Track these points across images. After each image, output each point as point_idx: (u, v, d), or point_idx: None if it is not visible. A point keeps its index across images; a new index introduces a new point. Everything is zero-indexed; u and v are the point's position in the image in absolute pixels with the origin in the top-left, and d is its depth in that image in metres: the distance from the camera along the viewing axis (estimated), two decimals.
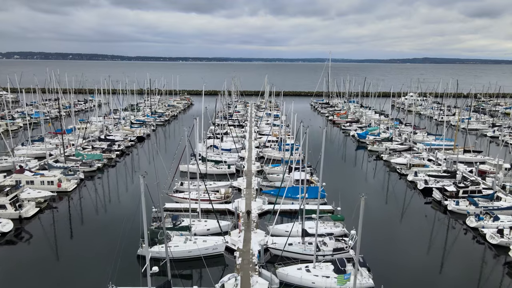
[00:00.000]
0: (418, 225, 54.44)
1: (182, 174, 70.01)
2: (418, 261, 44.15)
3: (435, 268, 42.92)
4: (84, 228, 51.71)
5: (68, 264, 42.32)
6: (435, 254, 46.13)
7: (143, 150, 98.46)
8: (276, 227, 48.87)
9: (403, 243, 48.59)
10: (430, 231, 52.76)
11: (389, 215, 57.76)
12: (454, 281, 40.60)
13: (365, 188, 70.42)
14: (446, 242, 49.84)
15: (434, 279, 40.66)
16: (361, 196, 28.79)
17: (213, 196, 59.61)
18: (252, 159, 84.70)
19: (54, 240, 48.53)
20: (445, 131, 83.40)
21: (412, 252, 46.43)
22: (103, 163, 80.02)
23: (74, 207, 59.21)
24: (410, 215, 58.27)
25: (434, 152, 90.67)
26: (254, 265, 40.89)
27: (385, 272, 40.41)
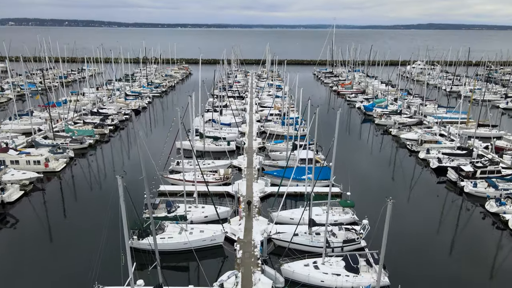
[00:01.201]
0: (432, 210, 50.37)
1: (179, 151, 65.49)
2: (435, 253, 40.29)
3: (454, 260, 39.13)
4: (73, 214, 47.75)
5: (52, 255, 38.57)
6: (452, 244, 42.26)
7: (139, 124, 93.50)
8: (280, 214, 44.80)
9: (417, 231, 44.61)
10: (445, 216, 48.75)
11: (400, 198, 53.54)
12: (476, 274, 36.85)
13: (373, 166, 66.07)
14: (464, 228, 45.96)
15: (454, 273, 36.89)
16: (388, 200, 24.11)
17: (212, 178, 55.33)
18: (253, 135, 79.88)
19: (39, 226, 44.63)
20: (461, 103, 77.16)
21: (427, 241, 42.53)
22: (95, 140, 75.32)
23: (63, 189, 55.11)
24: (423, 197, 54.10)
25: (446, 126, 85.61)
26: (256, 259, 37.09)
27: (399, 266, 36.62)
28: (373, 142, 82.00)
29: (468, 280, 35.98)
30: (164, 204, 45.49)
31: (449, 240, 42.98)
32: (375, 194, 54.14)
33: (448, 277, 36.24)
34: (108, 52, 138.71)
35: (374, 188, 56.34)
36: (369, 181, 58.98)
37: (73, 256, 38.18)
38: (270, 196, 52.73)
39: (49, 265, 37.18)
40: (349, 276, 33.17)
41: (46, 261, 37.70)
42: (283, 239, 39.63)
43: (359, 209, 46.17)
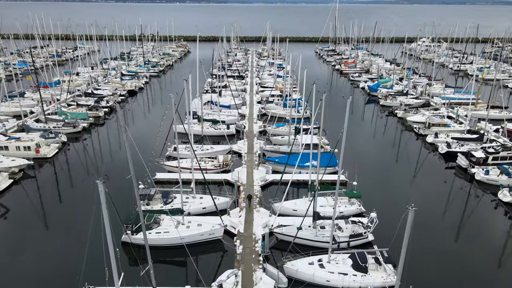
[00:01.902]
0: (441, 199, 47.96)
1: (177, 136, 62.80)
2: (445, 246, 38.05)
3: (466, 254, 36.88)
4: (66, 203, 45.38)
5: (42, 247, 36.35)
6: (463, 236, 40.02)
7: (135, 106, 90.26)
8: (282, 205, 42.35)
9: (425, 222, 42.24)
10: (455, 205, 46.31)
11: (406, 186, 51.15)
12: (490, 269, 34.72)
13: (378, 151, 63.29)
14: (475, 219, 43.57)
15: (466, 268, 34.73)
16: (408, 207, 21.44)
17: (210, 165, 52.71)
18: (253, 117, 76.79)
19: (30, 217, 42.30)
20: (472, 83, 73.22)
21: (436, 233, 40.24)
22: (89, 123, 72.32)
23: (55, 177, 52.54)
24: (431, 185, 51.57)
25: (454, 108, 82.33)
26: (257, 255, 34.90)
27: (408, 263, 34.41)
28: (378, 124, 78.91)
29: (481, 276, 33.86)
30: (160, 194, 43.08)
31: (459, 232, 40.72)
32: (380, 182, 51.69)
33: (460, 274, 34.12)
34: (103, 29, 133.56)
35: (379, 176, 53.76)
36: (374, 168, 56.36)
37: (62, 252, 35.97)
38: (271, 184, 50.25)
39: (38, 257, 35.02)
40: (357, 275, 31.01)
41: (35, 254, 35.53)
42: (285, 233, 37.34)
43: (364, 197, 43.77)
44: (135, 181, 23.27)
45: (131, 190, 45.34)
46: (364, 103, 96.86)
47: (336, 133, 37.24)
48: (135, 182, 23.38)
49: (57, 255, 35.56)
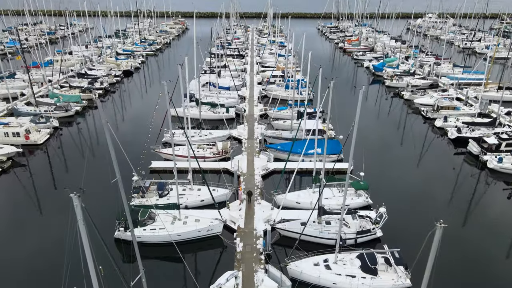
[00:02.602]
0: (452, 188, 45.51)
1: (174, 119, 59.97)
2: (457, 242, 35.85)
3: (480, 250, 34.72)
4: (57, 194, 42.95)
5: (32, 243, 34.19)
6: (475, 230, 37.72)
7: (131, 87, 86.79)
8: (283, 196, 39.91)
9: (434, 214, 39.92)
10: (465, 195, 43.83)
11: (415, 174, 48.60)
12: (506, 268, 32.63)
13: (383, 136, 60.42)
14: (488, 211, 41.18)
15: (482, 267, 32.62)
16: (437, 224, 18.79)
17: (209, 152, 50.05)
18: (254, 99, 73.57)
19: (19, 208, 39.98)
20: (487, 64, 68.94)
21: (452, 228, 37.89)
22: (82, 106, 69.19)
23: (46, 165, 49.95)
24: (440, 173, 48.97)
25: (463, 89, 78.95)
26: (259, 254, 32.74)
27: (419, 262, 32.29)
28: (383, 107, 75.68)
29: (496, 274, 31.77)
30: (156, 186, 40.61)
31: (472, 225, 38.42)
32: (386, 170, 49.12)
33: (475, 273, 32.03)
34: (96, 5, 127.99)
35: (385, 163, 51.07)
36: (380, 154, 53.64)
37: (47, 252, 33.80)
38: (273, 173, 47.74)
39: (23, 254, 32.91)
40: (366, 278, 28.89)
41: (21, 249, 33.41)
42: (289, 230, 35.07)
43: (370, 186, 41.31)
44: (121, 185, 20.62)
45: (126, 180, 43.29)
46: (369, 84, 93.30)
47: (341, 118, 34.58)
48: (121, 186, 20.73)
49: (42, 254, 33.40)
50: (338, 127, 55.38)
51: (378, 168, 48.74)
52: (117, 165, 20.18)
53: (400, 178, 47.50)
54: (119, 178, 20.33)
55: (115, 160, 19.97)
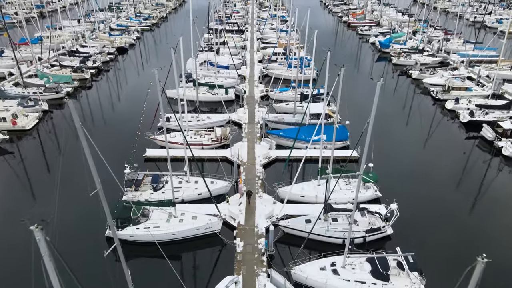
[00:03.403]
0: (463, 176, 42.88)
1: (171, 101, 56.73)
2: (472, 237, 33.52)
3: (497, 250, 32.43)
4: (46, 185, 40.33)
5: (20, 240, 31.91)
6: (492, 226, 35.32)
7: (126, 65, 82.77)
8: (287, 189, 37.32)
9: (447, 206, 37.41)
10: (479, 184, 41.25)
11: (424, 161, 45.79)
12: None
13: (389, 118, 57.19)
14: (504, 202, 38.70)
15: (501, 269, 30.40)
16: (479, 258, 16.00)
17: (207, 139, 47.11)
18: (254, 79, 69.89)
19: (4, 201, 37.53)
20: (503, 42, 64.37)
21: (461, 222, 35.55)
22: (73, 87, 65.68)
23: (35, 153, 47.12)
24: (450, 160, 46.21)
25: (474, 67, 75.02)
26: (261, 254, 30.45)
27: (432, 259, 30.12)
28: (390, 86, 71.99)
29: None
30: (150, 178, 37.96)
31: (488, 220, 35.96)
32: (392, 156, 46.32)
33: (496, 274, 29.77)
34: None
35: (392, 149, 48.10)
36: (386, 139, 50.58)
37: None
38: (276, 161, 45.00)
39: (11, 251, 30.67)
40: (377, 284, 26.64)
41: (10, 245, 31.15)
42: (293, 227, 32.66)
43: (383, 184, 38.69)
44: (102, 195, 17.86)
45: (118, 174, 40.55)
46: (375, 61, 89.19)
47: (345, 101, 31.59)
48: (102, 197, 17.97)
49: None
50: (345, 112, 52.11)
51: (385, 155, 45.77)
52: (96, 174, 17.29)
53: (409, 165, 44.71)
54: (100, 190, 17.52)
55: (94, 169, 17.10)
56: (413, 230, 33.69)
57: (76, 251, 29.65)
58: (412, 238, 32.62)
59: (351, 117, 48.26)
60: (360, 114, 55.15)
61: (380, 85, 20.55)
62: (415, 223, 34.64)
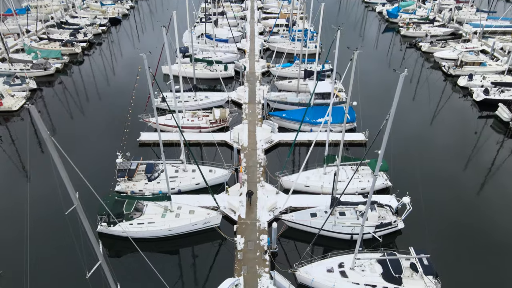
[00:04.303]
0: (476, 158, 40.36)
1: (166, 78, 53.36)
2: (494, 232, 31.47)
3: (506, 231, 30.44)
4: (36, 172, 37.94)
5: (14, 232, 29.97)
6: (503, 206, 33.23)
7: (120, 38, 78.29)
8: (291, 179, 34.96)
9: (461, 191, 35.18)
10: (494, 169, 38.82)
11: (435, 143, 43.13)
12: None
13: (399, 96, 53.94)
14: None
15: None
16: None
17: (205, 121, 44.21)
18: (255, 54, 65.96)
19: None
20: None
21: (475, 203, 33.40)
22: (63, 63, 61.95)
23: (21, 136, 44.41)
24: (463, 141, 43.54)
25: (488, 39, 70.74)
26: (263, 253, 28.46)
27: (451, 264, 28.20)
28: (396, 59, 68.07)
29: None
30: (144, 166, 35.46)
31: (503, 208, 33.81)
32: (401, 139, 43.57)
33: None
34: None
35: (399, 130, 45.13)
36: (393, 119, 47.68)
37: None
38: (278, 146, 42.35)
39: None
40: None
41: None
42: (297, 222, 30.50)
43: (394, 174, 36.21)
44: (81, 211, 15.35)
45: (110, 162, 38.08)
46: (382, 32, 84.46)
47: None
48: (81, 213, 15.47)
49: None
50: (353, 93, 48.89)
51: (392, 137, 42.89)
52: (71, 188, 14.70)
53: (418, 147, 41.96)
54: (78, 206, 15.00)
55: (68, 182, 14.48)
56: (424, 223, 31.54)
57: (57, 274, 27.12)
58: (424, 233, 30.55)
59: (356, 97, 45.10)
60: (366, 93, 52.13)
61: (403, 78, 17.48)
62: (426, 214, 32.44)
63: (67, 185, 14.49)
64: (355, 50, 23.32)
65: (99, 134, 43.93)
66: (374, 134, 42.70)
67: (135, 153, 38.95)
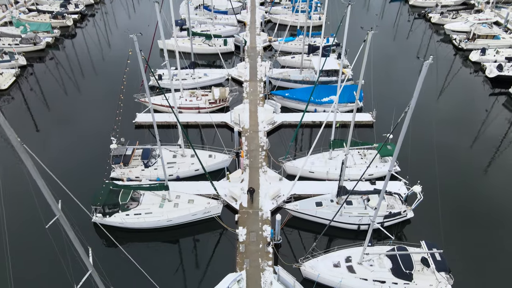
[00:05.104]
0: (487, 139, 38.55)
1: (163, 54, 50.86)
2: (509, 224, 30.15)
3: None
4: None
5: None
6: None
7: (114, 8, 74.36)
8: (295, 164, 33.26)
9: (467, 177, 33.67)
10: (507, 152, 37.13)
11: (444, 122, 41.17)
12: None
13: (404, 71, 51.31)
14: None
15: None
16: None
17: (204, 101, 42.01)
18: (256, 26, 62.60)
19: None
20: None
21: (486, 192, 31.97)
22: (54, 37, 58.84)
23: (11, 116, 42.40)
24: (473, 120, 41.56)
25: (501, 9, 67.02)
26: (266, 245, 27.20)
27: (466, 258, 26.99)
28: (403, 31, 64.73)
29: None
30: (140, 151, 33.71)
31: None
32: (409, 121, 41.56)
33: None
34: None
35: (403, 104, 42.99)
36: (398, 96, 45.52)
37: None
38: (281, 127, 40.38)
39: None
40: (398, 284, 23.58)
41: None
42: (302, 211, 29.07)
43: (404, 157, 34.44)
44: (64, 221, 13.70)
45: (104, 144, 36.30)
46: (389, 1, 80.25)
47: (356, 51, 26.17)
48: (65, 224, 13.82)
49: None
50: (355, 70, 46.39)
51: (397, 114, 40.94)
52: (52, 198, 12.96)
53: (426, 129, 39.98)
54: (61, 217, 13.33)
55: (47, 192, 12.72)
56: (435, 213, 30.13)
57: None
58: (435, 223, 29.20)
59: (364, 76, 42.64)
60: (374, 69, 49.50)
61: (427, 66, 15.33)
62: (436, 202, 30.98)
63: (47, 196, 12.73)
64: (370, 30, 20.87)
65: (93, 115, 41.89)
66: (381, 115, 40.87)
67: (130, 136, 37.08)
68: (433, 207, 30.32)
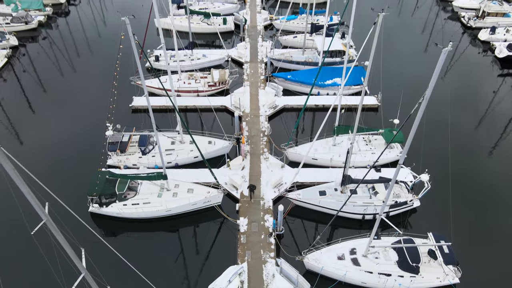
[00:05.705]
0: (494, 122, 37.37)
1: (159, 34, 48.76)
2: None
3: None
4: (14, 146, 35.23)
5: None
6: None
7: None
8: (297, 150, 32.17)
9: (477, 166, 32.66)
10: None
11: (452, 103, 39.84)
12: None
13: (410, 50, 49.49)
14: None
15: None
16: None
17: (203, 83, 40.46)
18: (256, 3, 60.08)
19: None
20: None
21: (491, 183, 31.05)
22: (46, 15, 56.53)
23: (3, 100, 40.98)
24: (480, 103, 40.23)
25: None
26: (268, 235, 26.45)
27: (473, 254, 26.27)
28: (408, 8, 62.23)
29: None
30: (137, 137, 32.52)
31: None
32: (412, 100, 40.02)
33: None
34: None
35: (410, 90, 41.48)
36: (402, 75, 44.03)
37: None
38: (283, 111, 39.04)
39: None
40: (404, 277, 22.93)
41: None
42: (305, 201, 28.19)
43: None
44: (52, 225, 12.72)
45: (99, 130, 35.08)
46: None
47: (361, 33, 24.52)
48: (53, 228, 12.84)
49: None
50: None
51: (399, 94, 39.60)
52: (37, 203, 11.91)
53: (433, 112, 38.65)
54: (49, 221, 12.32)
55: (31, 197, 11.66)
56: (442, 202, 29.26)
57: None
58: (442, 213, 28.38)
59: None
60: (376, 49, 47.64)
61: (445, 54, 13.95)
62: (445, 191, 30.08)
63: (31, 201, 11.67)
64: (380, 12, 19.27)
65: (88, 98, 40.45)
66: (387, 98, 39.45)
67: (127, 122, 35.83)
68: (440, 197, 29.42)
